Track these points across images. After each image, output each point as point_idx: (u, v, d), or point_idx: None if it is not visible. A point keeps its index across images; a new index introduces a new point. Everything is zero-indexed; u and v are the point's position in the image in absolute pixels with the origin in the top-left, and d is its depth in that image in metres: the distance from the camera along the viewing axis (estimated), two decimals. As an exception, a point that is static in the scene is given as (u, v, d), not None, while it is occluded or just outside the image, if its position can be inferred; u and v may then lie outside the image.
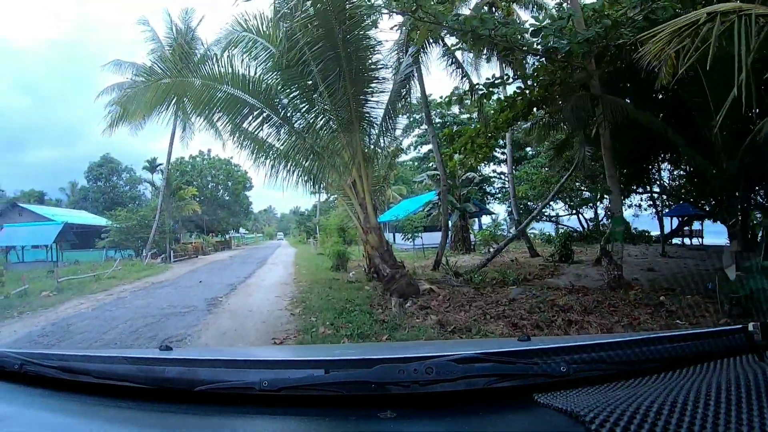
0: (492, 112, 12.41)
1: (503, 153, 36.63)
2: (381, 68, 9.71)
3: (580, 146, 12.61)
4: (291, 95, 9.48)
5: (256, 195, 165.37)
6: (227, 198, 51.92)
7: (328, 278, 14.19)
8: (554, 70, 9.70)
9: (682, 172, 16.96)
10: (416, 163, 46.57)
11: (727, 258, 6.97)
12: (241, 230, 69.01)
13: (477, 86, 12.07)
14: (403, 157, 40.46)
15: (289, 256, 29.91)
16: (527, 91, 10.29)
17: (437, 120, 42.90)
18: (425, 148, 43.94)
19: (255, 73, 9.49)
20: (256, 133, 9.60)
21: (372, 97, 9.59)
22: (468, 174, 24.92)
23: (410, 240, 22.29)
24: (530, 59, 10.63)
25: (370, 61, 9.33)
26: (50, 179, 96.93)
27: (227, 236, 54.09)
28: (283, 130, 9.77)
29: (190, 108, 9.79)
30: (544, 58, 9.52)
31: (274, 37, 9.30)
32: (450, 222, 25.66)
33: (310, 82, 9.23)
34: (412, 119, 40.26)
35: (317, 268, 18.54)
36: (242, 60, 9.41)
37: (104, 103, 24.78)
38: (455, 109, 42.22)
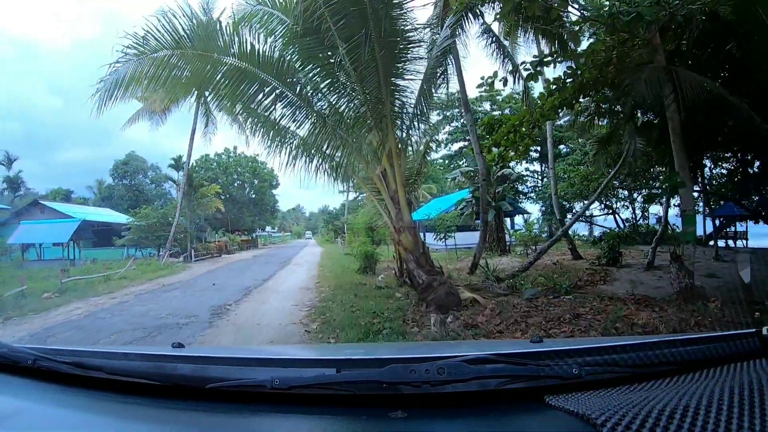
0: (538, 97, 11.17)
1: (535, 150, 35.42)
2: (415, 35, 8.09)
3: (629, 138, 11.48)
4: (308, 68, 7.93)
5: (284, 194, 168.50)
6: (253, 196, 50.82)
7: (354, 283, 12.69)
8: (612, 45, 8.32)
9: (723, 171, 16.20)
10: (446, 161, 45.12)
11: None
12: (268, 228, 68.42)
13: (524, 64, 10.36)
14: (432, 155, 38.95)
15: (315, 256, 28.39)
16: (578, 72, 8.75)
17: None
18: (456, 146, 42.35)
19: (269, 48, 7.98)
20: (269, 114, 8.11)
21: (406, 65, 7.95)
22: (504, 171, 23.56)
23: (442, 240, 20.67)
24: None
25: (402, 21, 7.63)
26: (81, 178, 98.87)
27: (254, 235, 53.49)
28: (300, 112, 8.23)
29: (188, 87, 8.21)
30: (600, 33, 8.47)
31: (289, 5, 7.78)
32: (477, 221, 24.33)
33: (330, 53, 7.69)
34: (442, 116, 38.79)
35: (343, 270, 17.10)
36: (257, 35, 7.93)
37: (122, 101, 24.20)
38: (486, 105, 40.86)
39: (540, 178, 40.86)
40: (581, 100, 10.33)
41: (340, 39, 7.04)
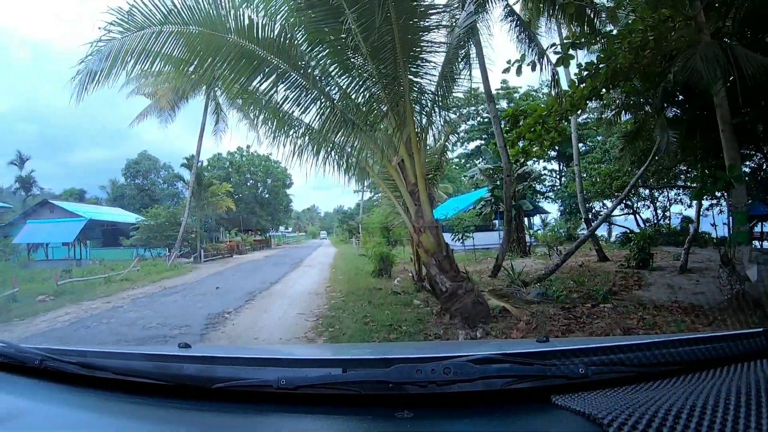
0: (568, 85, 9.87)
1: (553, 149, 34.27)
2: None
3: (660, 132, 10.87)
4: (314, 43, 6.84)
5: (299, 194, 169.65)
6: (266, 195, 49.98)
7: (368, 287, 11.70)
8: (652, 24, 7.41)
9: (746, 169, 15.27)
10: (462, 161, 44.00)
11: None
12: (282, 228, 67.85)
13: (554, 47, 9.28)
14: (448, 154, 38.04)
15: (328, 257, 27.45)
16: (612, 57, 7.83)
17: (485, 116, 40.20)
18: (472, 145, 41.21)
19: (269, 21, 6.92)
20: (269, 97, 7.09)
21: (427, 36, 6.81)
22: (524, 168, 22.64)
23: (460, 240, 19.60)
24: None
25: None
26: (97, 179, 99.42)
27: (267, 235, 52.95)
28: (305, 95, 7.19)
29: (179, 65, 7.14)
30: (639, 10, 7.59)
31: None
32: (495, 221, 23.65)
33: (338, 23, 6.63)
34: (458, 114, 37.72)
35: (357, 272, 16.10)
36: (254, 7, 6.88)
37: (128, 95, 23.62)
38: (503, 103, 39.80)
39: (558, 177, 39.95)
40: (610, 92, 9.82)
41: (348, 6, 5.97)
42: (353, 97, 7.15)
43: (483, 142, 37.92)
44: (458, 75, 7.89)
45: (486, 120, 39.82)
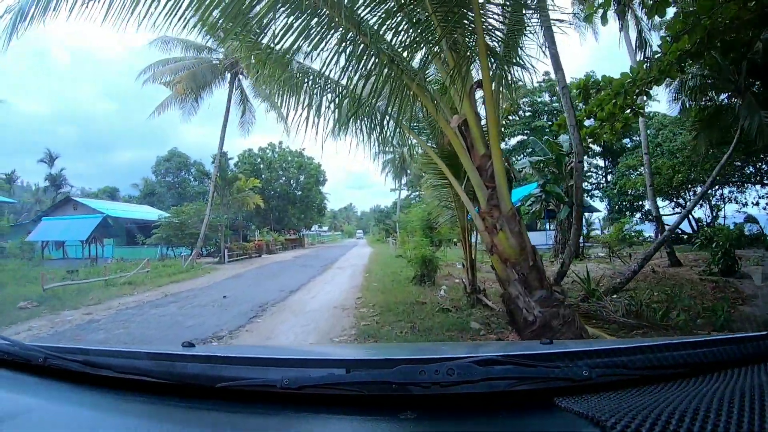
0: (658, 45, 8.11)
1: (598, 144, 31.59)
2: None
3: (747, 113, 10.09)
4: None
5: (335, 192, 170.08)
6: (299, 193, 47.91)
7: (408, 300, 9.24)
8: None
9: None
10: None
11: None
12: (315, 227, 66.26)
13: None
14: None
15: (363, 258, 25.24)
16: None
17: (527, 109, 37.37)
18: (513, 141, 38.30)
19: None
20: (267, 27, 4.71)
21: None
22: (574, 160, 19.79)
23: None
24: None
25: None
26: (133, 178, 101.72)
27: (301, 234, 51.33)
28: (315, 22, 4.71)
29: None
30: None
31: None
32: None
33: None
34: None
35: (394, 278, 13.76)
36: None
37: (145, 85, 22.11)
38: (546, 96, 37.04)
39: (604, 174, 37.14)
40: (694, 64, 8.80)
41: None
42: (394, 24, 4.71)
43: (525, 136, 35.22)
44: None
45: (528, 113, 37.24)
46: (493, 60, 4.96)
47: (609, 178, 34.52)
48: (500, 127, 5.09)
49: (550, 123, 31.57)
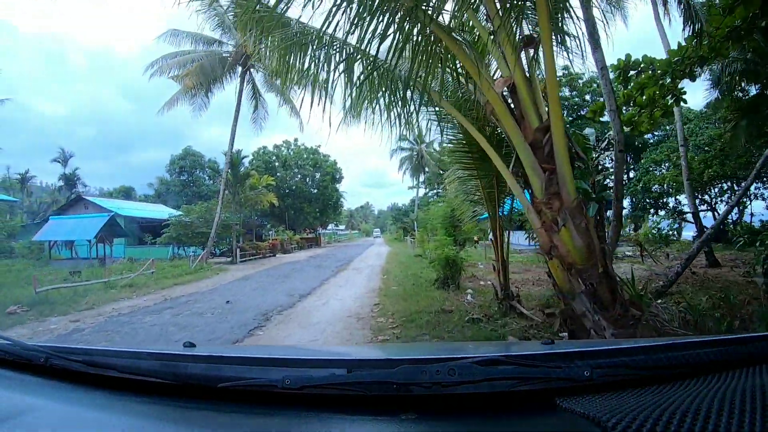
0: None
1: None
2: None
3: None
4: None
5: (352, 191, 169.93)
6: (315, 191, 46.91)
7: (431, 307, 8.15)
8: None
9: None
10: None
11: None
12: (331, 226, 65.53)
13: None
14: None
15: (380, 258, 24.18)
16: None
17: (545, 104, 35.88)
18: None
19: None
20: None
21: None
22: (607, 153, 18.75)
23: (535, 240, 15.74)
24: None
25: None
26: (150, 177, 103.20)
27: (317, 233, 50.44)
28: None
29: None
30: None
31: None
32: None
33: None
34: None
35: (415, 280, 12.63)
36: None
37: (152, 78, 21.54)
38: (566, 91, 35.56)
39: (626, 170, 35.76)
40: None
41: None
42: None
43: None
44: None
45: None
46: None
47: (630, 174, 33.31)
48: (559, 95, 3.92)
49: (570, 118, 30.24)
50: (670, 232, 17.83)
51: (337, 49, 4.20)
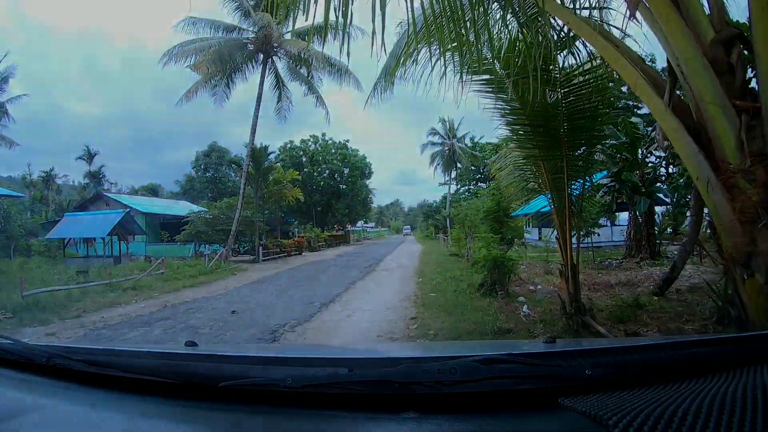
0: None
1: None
2: None
3: None
4: None
5: (382, 188, 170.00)
6: (343, 187, 45.69)
7: (482, 322, 6.49)
8: None
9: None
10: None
11: None
12: (361, 223, 64.45)
13: None
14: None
15: (412, 258, 22.52)
16: None
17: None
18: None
19: None
20: None
21: None
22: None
23: (584, 237, 14.05)
24: None
25: None
26: (178, 175, 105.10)
27: (346, 230, 49.48)
28: None
29: None
30: None
31: None
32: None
33: None
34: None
35: (456, 284, 10.96)
36: None
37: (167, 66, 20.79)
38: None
39: (665, 165, 33.54)
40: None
41: None
42: None
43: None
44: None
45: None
46: None
47: (671, 169, 31.30)
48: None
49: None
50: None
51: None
